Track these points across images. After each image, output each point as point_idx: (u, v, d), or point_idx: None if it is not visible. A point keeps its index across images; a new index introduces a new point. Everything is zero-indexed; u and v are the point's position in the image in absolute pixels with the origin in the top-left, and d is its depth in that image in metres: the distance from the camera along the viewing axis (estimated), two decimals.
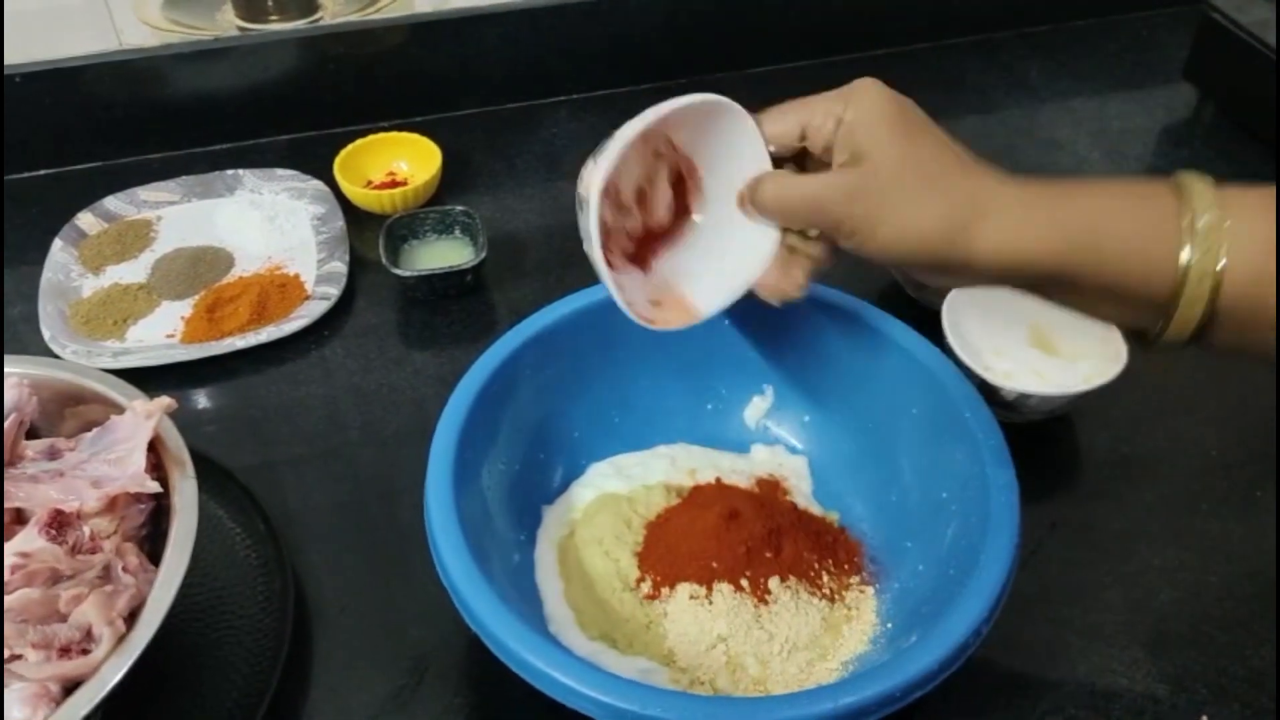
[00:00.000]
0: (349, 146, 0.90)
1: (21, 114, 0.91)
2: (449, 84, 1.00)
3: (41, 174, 0.95)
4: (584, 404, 0.65)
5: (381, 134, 0.92)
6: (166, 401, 0.55)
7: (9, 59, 0.90)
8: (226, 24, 1.03)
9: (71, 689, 0.46)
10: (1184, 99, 1.02)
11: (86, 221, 0.87)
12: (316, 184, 0.90)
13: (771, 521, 0.59)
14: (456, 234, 0.85)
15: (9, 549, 0.48)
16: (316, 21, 1.01)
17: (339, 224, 0.86)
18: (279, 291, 0.80)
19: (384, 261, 0.79)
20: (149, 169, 0.94)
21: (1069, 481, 0.67)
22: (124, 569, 0.50)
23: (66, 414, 0.59)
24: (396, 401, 0.73)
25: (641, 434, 0.67)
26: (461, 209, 0.84)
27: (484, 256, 0.79)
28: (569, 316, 0.63)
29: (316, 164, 0.91)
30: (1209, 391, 0.73)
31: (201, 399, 0.74)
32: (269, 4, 1.02)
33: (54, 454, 0.56)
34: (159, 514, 0.55)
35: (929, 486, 0.59)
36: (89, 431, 0.56)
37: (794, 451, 0.67)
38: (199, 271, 0.83)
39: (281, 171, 0.91)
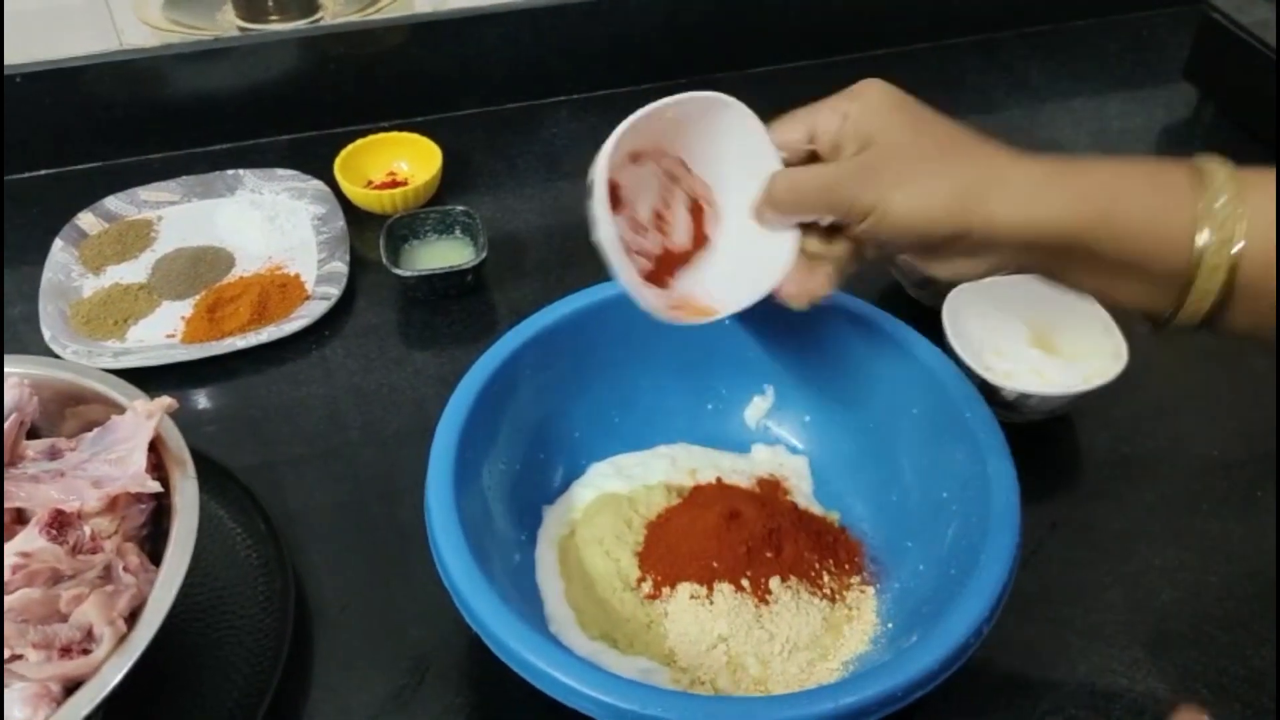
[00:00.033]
0: (349, 146, 0.90)
1: (22, 114, 0.91)
2: (449, 84, 1.00)
3: (42, 174, 0.95)
4: (584, 404, 0.65)
5: (382, 134, 0.92)
6: (167, 401, 0.55)
7: (10, 59, 0.90)
8: (227, 24, 1.03)
9: (72, 689, 0.46)
10: (1184, 99, 1.02)
11: (87, 221, 0.87)
12: (317, 184, 0.90)
13: (772, 521, 0.59)
14: (457, 234, 0.85)
15: (10, 549, 0.48)
16: (317, 21, 1.02)
17: (339, 224, 0.86)
18: (279, 291, 0.80)
19: (384, 261, 0.79)
20: (149, 169, 0.94)
21: (1069, 481, 0.67)
22: (125, 569, 0.50)
23: (67, 414, 0.59)
24: (397, 401, 0.73)
25: (642, 434, 0.67)
26: (462, 209, 0.84)
27: (484, 256, 0.79)
28: (569, 316, 0.63)
29: (317, 164, 0.91)
30: (1209, 391, 0.73)
31: (202, 399, 0.74)
32: (269, 4, 1.02)
33: (55, 454, 0.56)
34: (160, 514, 0.55)
35: (929, 486, 0.59)
36: (90, 431, 0.56)
37: (794, 451, 0.67)
38: (199, 271, 0.83)
39: (282, 171, 0.91)
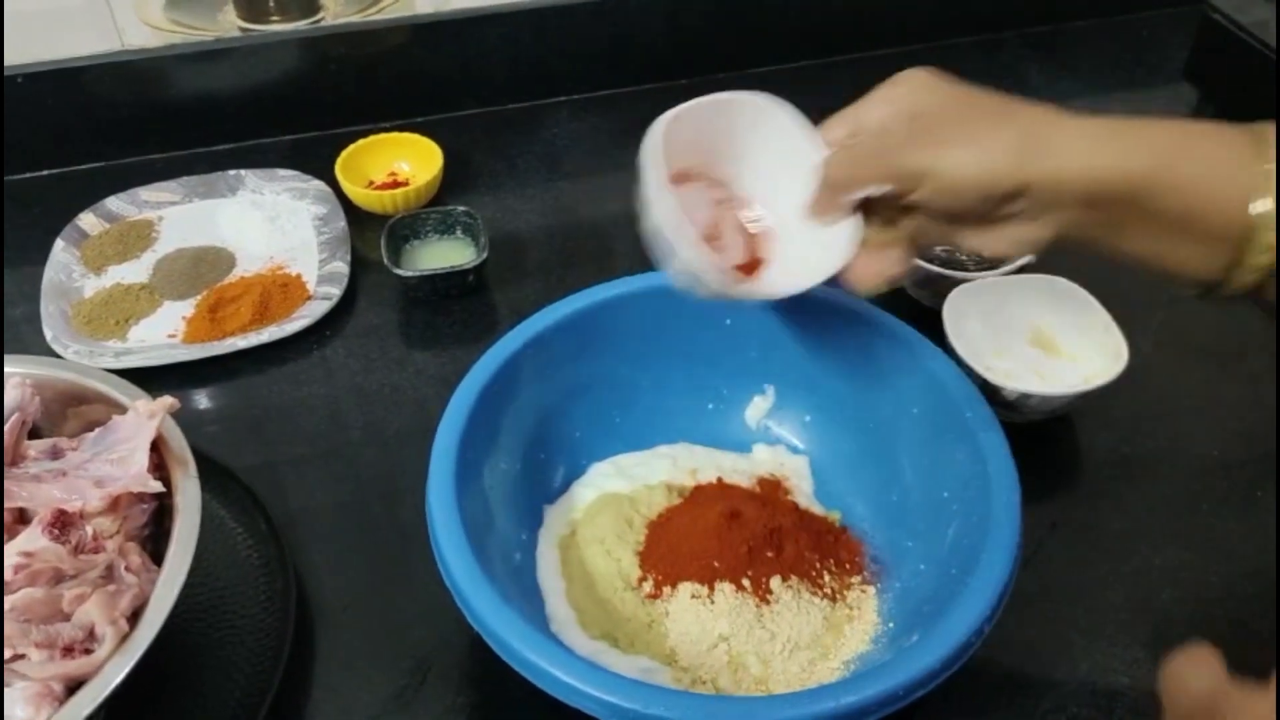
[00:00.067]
0: (350, 147, 0.90)
1: (23, 114, 0.91)
2: (450, 84, 1.00)
3: (43, 174, 0.95)
4: (585, 404, 0.65)
5: (383, 134, 0.92)
6: (169, 401, 0.55)
7: (11, 59, 0.90)
8: (228, 24, 1.03)
9: (74, 688, 0.46)
10: (1184, 99, 1.02)
11: (88, 222, 0.87)
12: (318, 184, 0.90)
13: (773, 521, 0.59)
14: (458, 234, 0.85)
15: (12, 548, 0.48)
16: (318, 22, 1.02)
17: (340, 224, 0.86)
18: (281, 291, 0.80)
19: (385, 262, 0.79)
20: (151, 169, 0.94)
21: (1070, 481, 0.68)
22: (127, 568, 0.50)
23: (69, 414, 0.59)
24: (398, 401, 0.74)
25: (643, 434, 0.67)
26: (463, 209, 0.84)
27: (485, 256, 0.79)
28: (570, 316, 0.63)
29: (318, 164, 0.91)
30: (1209, 391, 0.73)
31: (203, 399, 0.74)
32: (270, 4, 1.02)
33: (56, 454, 0.56)
34: (161, 514, 0.55)
35: (930, 486, 0.59)
36: (91, 431, 0.56)
37: (795, 451, 0.67)
38: (201, 272, 0.83)
39: (283, 172, 0.91)
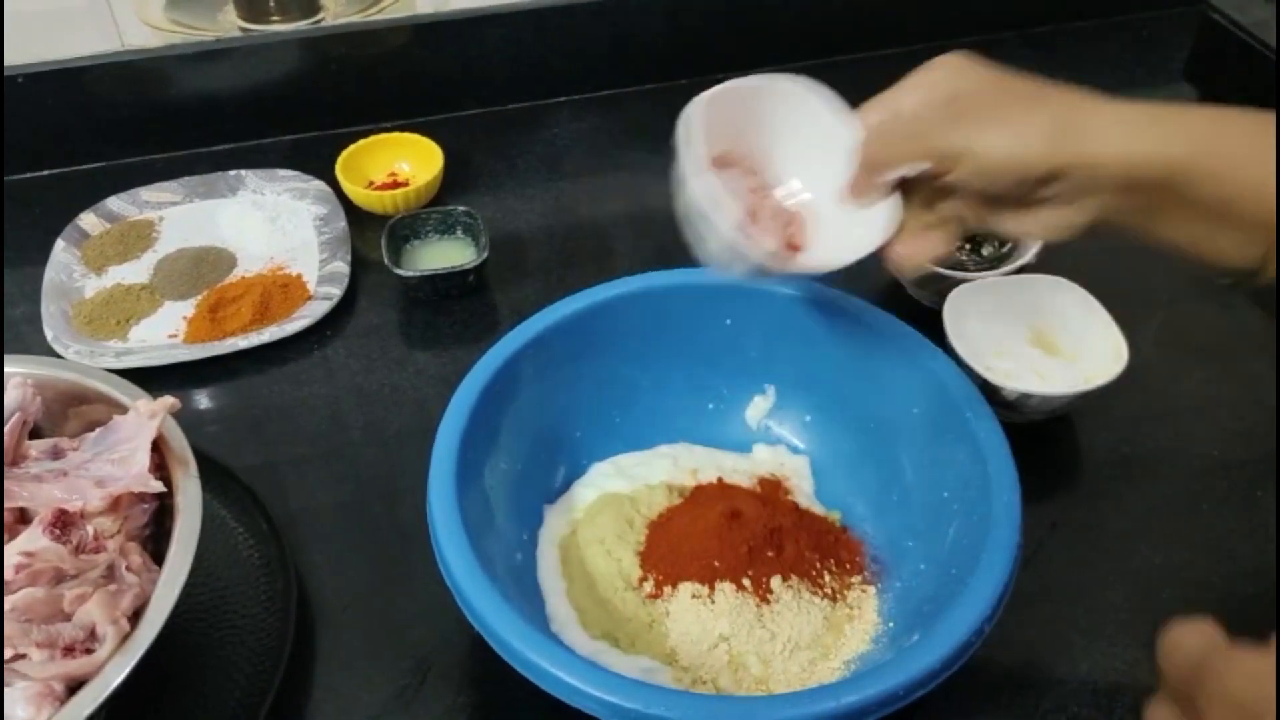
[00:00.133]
0: (351, 147, 0.90)
1: (24, 114, 0.91)
2: (450, 84, 1.00)
3: (44, 174, 0.95)
4: (586, 404, 0.65)
5: (383, 134, 0.92)
6: (170, 401, 0.55)
7: (11, 59, 0.90)
8: (228, 24, 1.03)
9: (75, 688, 0.46)
10: (1184, 99, 1.02)
11: (89, 222, 0.87)
12: (318, 184, 0.90)
13: (773, 521, 0.59)
14: (458, 234, 0.85)
15: (13, 548, 0.48)
16: (318, 22, 1.02)
17: (341, 224, 0.86)
18: (281, 292, 0.80)
19: (386, 262, 0.79)
20: (151, 169, 0.94)
21: (1070, 481, 0.68)
22: (128, 568, 0.50)
23: (70, 414, 0.59)
24: (399, 401, 0.74)
25: (643, 434, 0.67)
26: (463, 209, 0.84)
27: (486, 256, 0.79)
28: (571, 316, 0.63)
29: (318, 164, 0.91)
30: (1209, 391, 0.73)
31: (204, 399, 0.74)
32: (271, 5, 1.02)
33: (57, 454, 0.56)
34: (162, 513, 0.55)
35: (930, 486, 0.59)
36: (92, 431, 0.56)
37: (795, 451, 0.67)
38: (201, 272, 0.83)
39: (283, 172, 0.91)
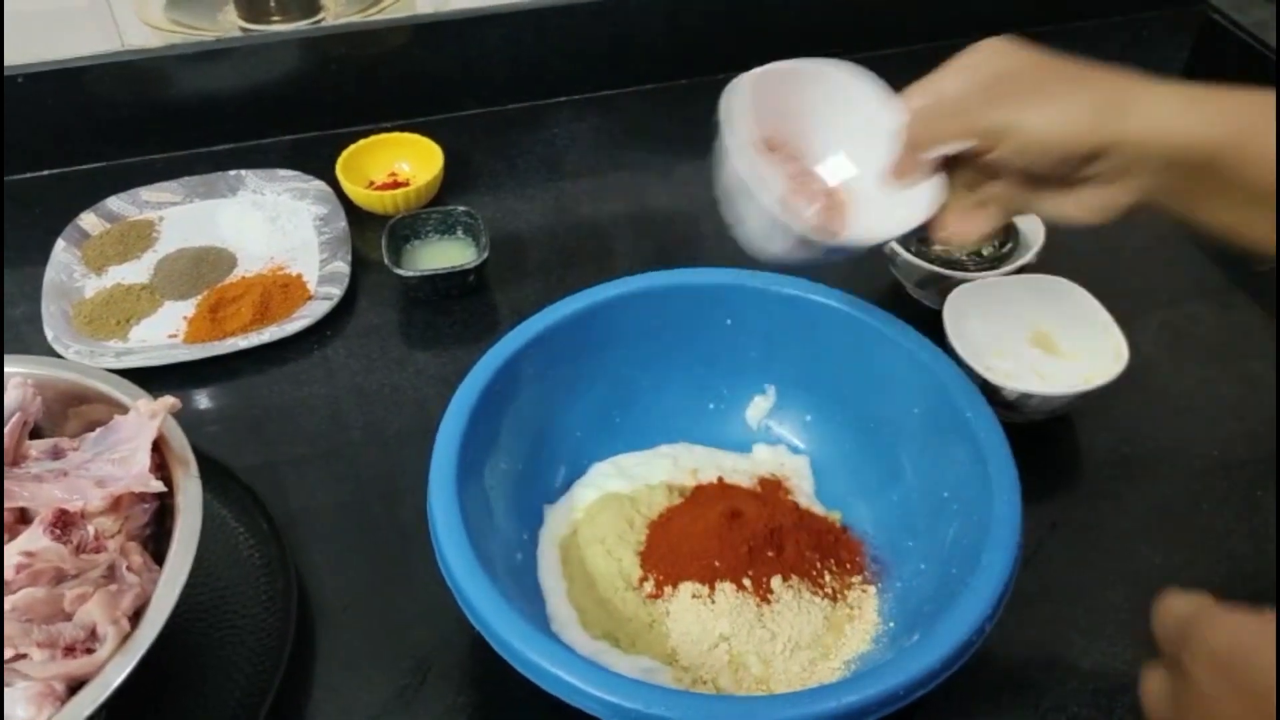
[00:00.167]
0: (351, 147, 0.90)
1: (24, 114, 0.91)
2: (451, 84, 1.00)
3: (44, 174, 0.95)
4: (586, 404, 0.65)
5: (383, 134, 0.92)
6: (170, 401, 0.55)
7: (12, 59, 0.90)
8: (229, 24, 1.03)
9: (76, 688, 0.46)
10: None
11: (89, 222, 0.87)
12: (319, 184, 0.90)
13: (773, 521, 0.59)
14: (459, 234, 0.85)
15: (14, 548, 0.48)
16: (318, 22, 1.02)
17: (341, 224, 0.86)
18: (281, 292, 0.80)
19: (386, 262, 0.79)
20: (151, 169, 0.94)
21: (1070, 481, 0.68)
22: (128, 568, 0.50)
23: (70, 414, 0.59)
24: (399, 401, 0.74)
25: (643, 434, 0.67)
26: (463, 209, 0.84)
27: (486, 256, 0.79)
28: (571, 316, 0.63)
29: (318, 164, 0.91)
30: (1209, 391, 0.73)
31: (204, 399, 0.74)
32: (271, 5, 1.02)
33: (58, 454, 0.56)
34: (162, 513, 0.55)
35: (931, 486, 0.59)
36: (92, 431, 0.56)
37: (796, 451, 0.67)
38: (201, 272, 0.83)
39: (284, 172, 0.91)
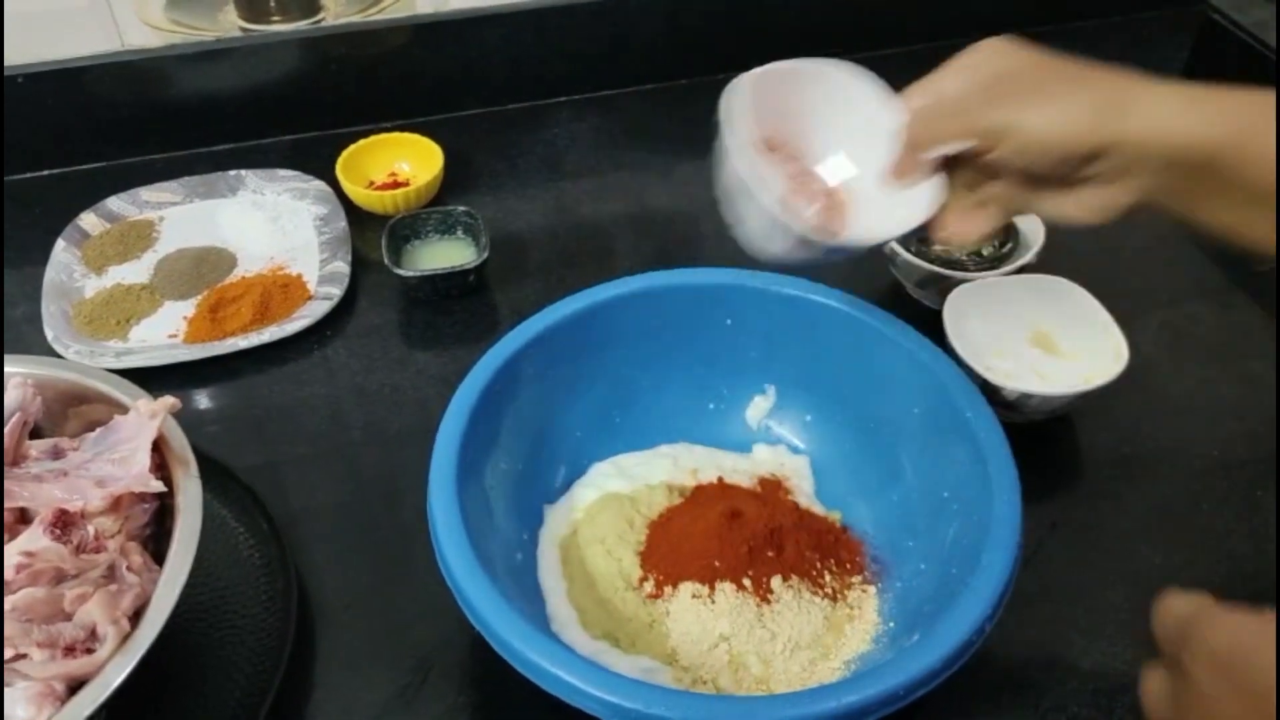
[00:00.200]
0: (351, 147, 0.90)
1: (24, 114, 0.91)
2: (451, 85, 1.00)
3: (44, 174, 0.95)
4: (586, 404, 0.65)
5: (383, 134, 0.92)
6: (170, 401, 0.55)
7: (12, 59, 0.90)
8: (229, 24, 1.03)
9: (76, 688, 0.46)
10: None
11: (89, 222, 0.87)
12: (319, 184, 0.90)
13: (773, 521, 0.59)
14: (459, 234, 0.85)
15: (14, 548, 0.48)
16: (318, 22, 1.02)
17: (341, 224, 0.86)
18: (281, 292, 0.80)
19: (386, 262, 0.79)
20: (151, 169, 0.94)
21: (1070, 481, 0.68)
22: (128, 568, 0.50)
23: (70, 414, 0.59)
24: (399, 401, 0.74)
25: (643, 434, 0.67)
26: (464, 209, 0.84)
27: (486, 257, 0.79)
28: (571, 317, 0.63)
29: (319, 164, 0.91)
30: (1209, 391, 0.73)
31: (204, 399, 0.74)
32: (271, 5, 1.02)
33: (58, 454, 0.56)
34: (163, 513, 0.55)
35: (931, 486, 0.59)
36: (92, 431, 0.56)
37: (796, 451, 0.67)
38: (202, 272, 0.83)
39: (284, 172, 0.91)
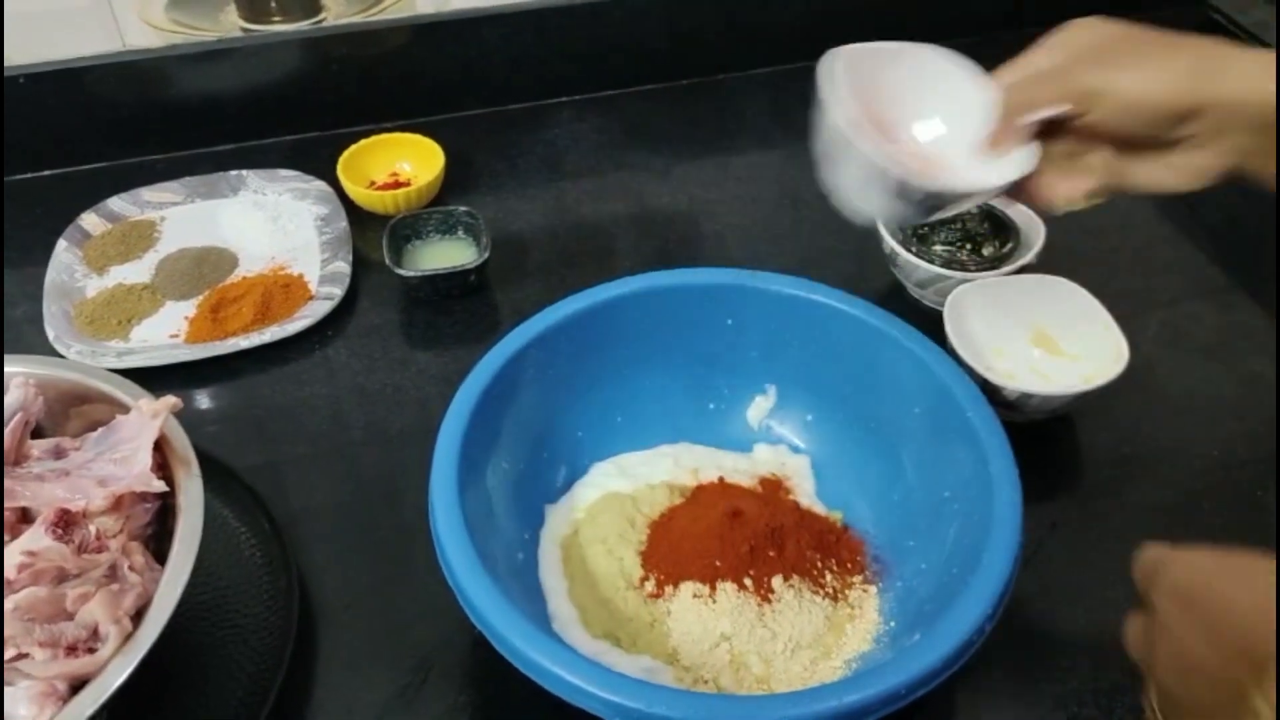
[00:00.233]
0: (352, 147, 0.90)
1: (25, 114, 0.91)
2: (451, 85, 1.00)
3: (45, 174, 0.95)
4: (587, 403, 0.65)
5: (384, 135, 0.92)
6: (172, 401, 0.55)
7: (13, 59, 0.90)
8: (230, 25, 1.03)
9: (78, 687, 0.46)
10: None
11: (90, 222, 0.87)
12: (320, 184, 0.90)
13: (774, 520, 0.59)
14: (459, 234, 0.85)
15: (16, 548, 0.48)
16: (319, 22, 1.02)
17: (342, 224, 0.86)
18: (283, 292, 0.80)
19: (387, 262, 0.79)
20: (153, 169, 0.94)
21: (1070, 481, 0.68)
22: (130, 568, 0.50)
23: (72, 413, 0.59)
24: (400, 401, 0.74)
25: (644, 433, 0.67)
26: (464, 209, 0.84)
27: (487, 257, 0.80)
28: (572, 316, 0.63)
29: (319, 165, 0.91)
30: (1209, 391, 0.73)
31: (205, 399, 0.74)
32: (272, 5, 1.02)
33: (59, 453, 0.56)
34: (164, 513, 0.55)
35: (931, 486, 0.59)
36: (94, 431, 0.56)
37: (796, 451, 0.67)
38: (203, 272, 0.83)
39: (285, 172, 0.91)
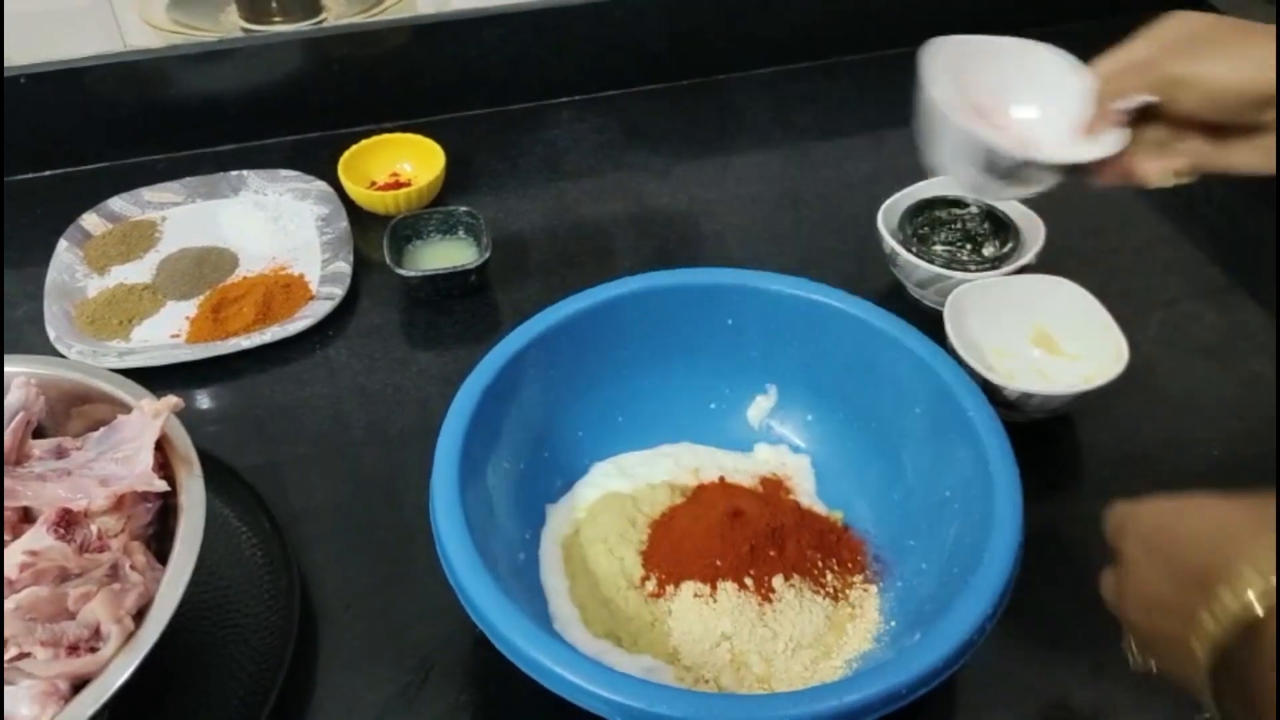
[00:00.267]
0: (353, 147, 0.90)
1: (26, 115, 0.91)
2: (452, 85, 1.00)
3: (46, 175, 0.95)
4: (587, 403, 0.65)
5: (385, 135, 0.92)
6: (174, 400, 0.55)
7: (14, 60, 0.90)
8: (230, 25, 1.03)
9: (79, 687, 0.46)
10: None
11: (91, 222, 0.87)
12: (320, 185, 0.90)
13: (775, 520, 0.59)
14: (460, 234, 0.85)
15: (18, 547, 0.48)
16: (320, 23, 1.02)
17: (343, 224, 0.86)
18: (283, 292, 0.80)
19: (388, 262, 0.79)
20: (153, 170, 0.94)
21: (1070, 481, 0.68)
22: (131, 567, 0.51)
23: (73, 413, 0.59)
24: (401, 401, 0.74)
25: (645, 433, 0.67)
26: (465, 209, 0.84)
27: (488, 257, 0.80)
28: (572, 316, 0.63)
29: (320, 165, 0.91)
30: (1209, 391, 0.73)
31: (206, 399, 0.74)
32: (273, 5, 1.02)
33: (61, 453, 0.56)
34: (166, 513, 0.55)
35: (932, 485, 0.59)
36: (96, 431, 0.56)
37: (797, 451, 0.67)
38: (204, 272, 0.83)
39: (285, 172, 0.91)
